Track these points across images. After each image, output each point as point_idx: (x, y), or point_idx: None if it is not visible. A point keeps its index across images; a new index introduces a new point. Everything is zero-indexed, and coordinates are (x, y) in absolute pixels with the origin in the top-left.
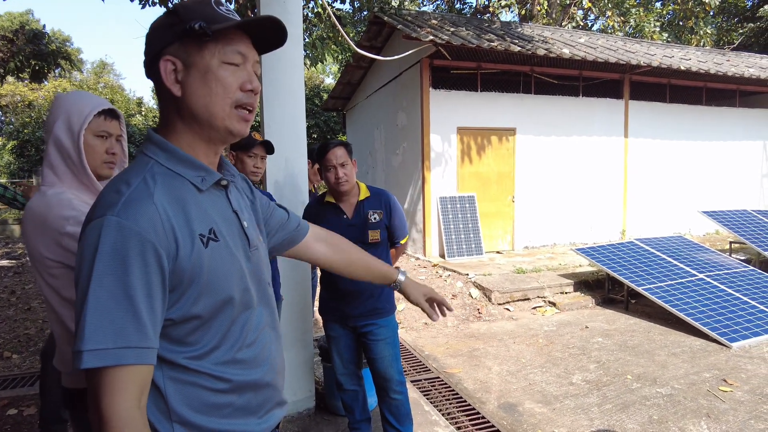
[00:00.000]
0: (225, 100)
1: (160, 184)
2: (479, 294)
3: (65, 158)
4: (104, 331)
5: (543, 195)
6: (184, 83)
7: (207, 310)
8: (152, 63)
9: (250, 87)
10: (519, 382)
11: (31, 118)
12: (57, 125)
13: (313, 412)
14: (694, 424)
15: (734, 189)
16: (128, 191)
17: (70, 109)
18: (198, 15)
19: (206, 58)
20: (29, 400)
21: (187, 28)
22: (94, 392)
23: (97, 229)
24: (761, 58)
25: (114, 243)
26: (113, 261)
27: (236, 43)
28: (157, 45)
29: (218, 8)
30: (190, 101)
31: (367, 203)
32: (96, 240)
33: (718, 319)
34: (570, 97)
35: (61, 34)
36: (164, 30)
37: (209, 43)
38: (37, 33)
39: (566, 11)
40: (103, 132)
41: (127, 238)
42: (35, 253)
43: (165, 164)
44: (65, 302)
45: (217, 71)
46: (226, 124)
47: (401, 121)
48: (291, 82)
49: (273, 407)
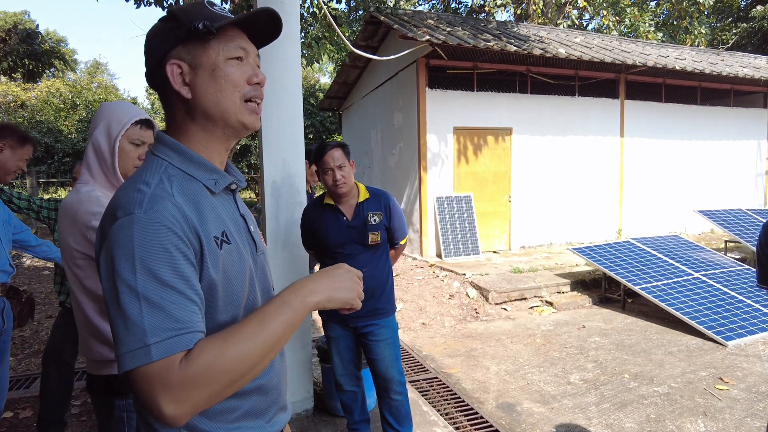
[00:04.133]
0: (235, 94)
1: (176, 186)
2: (476, 294)
3: (100, 160)
4: (164, 321)
5: (539, 195)
6: (192, 84)
7: (221, 312)
8: (156, 69)
9: (256, 80)
10: (517, 381)
11: (23, 119)
12: (98, 130)
13: (312, 413)
14: (691, 422)
15: (729, 188)
16: (149, 190)
17: (110, 117)
18: (197, 16)
19: (212, 56)
20: (25, 402)
21: (191, 29)
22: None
23: (128, 227)
24: (755, 58)
25: (148, 237)
26: (155, 251)
27: (237, 38)
28: (160, 50)
29: (213, 8)
30: (201, 101)
31: (366, 205)
32: (129, 237)
33: (713, 317)
34: (566, 97)
35: (55, 34)
36: (165, 35)
37: (213, 41)
38: (31, 32)
39: (561, 10)
40: (137, 140)
41: (160, 231)
42: (65, 244)
43: (179, 166)
44: (87, 291)
45: (224, 68)
46: (239, 118)
47: (398, 121)
48: (288, 82)
49: (278, 411)
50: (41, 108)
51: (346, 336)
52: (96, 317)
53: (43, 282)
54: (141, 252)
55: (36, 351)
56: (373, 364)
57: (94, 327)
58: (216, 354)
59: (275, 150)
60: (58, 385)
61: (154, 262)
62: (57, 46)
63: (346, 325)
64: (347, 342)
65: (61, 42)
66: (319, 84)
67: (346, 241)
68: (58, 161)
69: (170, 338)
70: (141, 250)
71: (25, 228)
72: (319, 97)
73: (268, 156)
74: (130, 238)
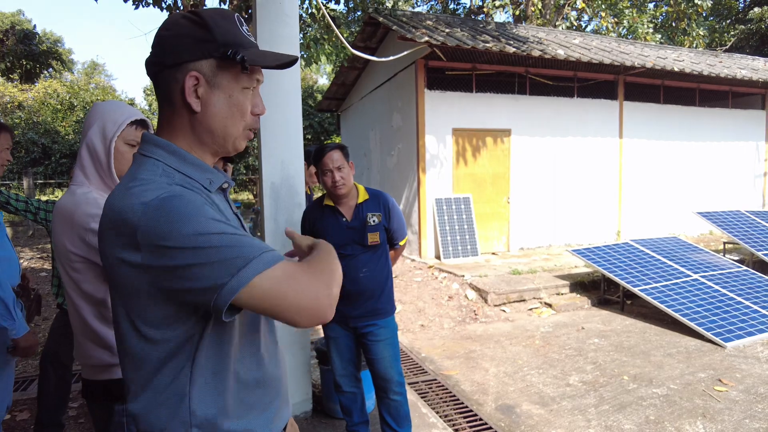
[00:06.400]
0: (240, 123)
1: (178, 183)
2: (475, 295)
3: (95, 161)
4: (249, 247)
5: (538, 196)
6: (204, 100)
7: None
8: (169, 70)
9: (258, 111)
10: (516, 383)
11: (21, 119)
12: (92, 130)
13: (311, 415)
14: (690, 424)
15: (728, 189)
16: (158, 178)
17: (105, 117)
18: (230, 37)
19: (232, 83)
20: (22, 404)
21: (227, 54)
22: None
23: (159, 207)
24: (753, 60)
25: (185, 203)
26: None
27: (258, 72)
28: (183, 56)
29: (242, 28)
30: (209, 119)
31: (365, 206)
32: (168, 212)
33: (712, 319)
34: (565, 98)
35: (52, 34)
36: (193, 43)
37: (240, 71)
38: (28, 33)
39: (560, 12)
40: (132, 140)
41: (192, 197)
42: (61, 247)
43: (175, 167)
44: (85, 295)
45: (238, 95)
46: (236, 145)
47: (396, 122)
48: (287, 84)
49: (282, 405)
50: (38, 109)
51: (346, 336)
52: (95, 321)
53: (41, 284)
54: (195, 212)
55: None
56: (372, 365)
57: (93, 331)
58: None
59: (274, 151)
60: (55, 388)
61: (210, 218)
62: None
63: (345, 325)
64: (347, 342)
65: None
66: (318, 85)
67: (345, 241)
68: (55, 162)
69: (258, 255)
70: (194, 212)
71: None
72: (318, 98)
73: (266, 157)
74: (169, 212)
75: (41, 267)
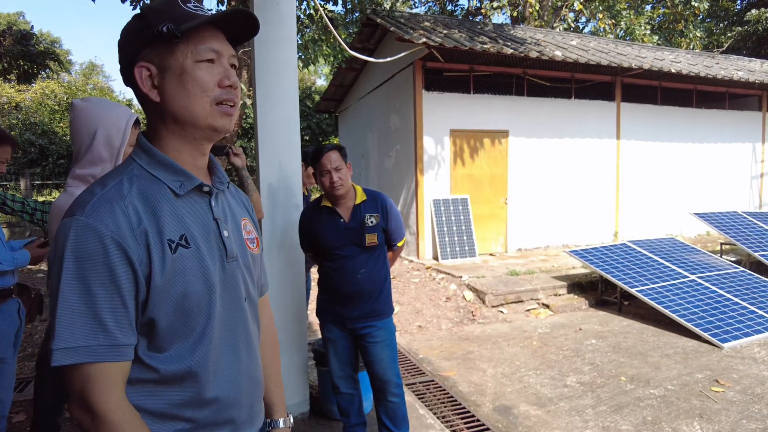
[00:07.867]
0: (204, 99)
1: (136, 188)
2: (473, 296)
3: (103, 169)
4: (75, 329)
5: (536, 197)
6: (161, 88)
7: (162, 316)
8: (127, 70)
9: (228, 83)
10: (513, 384)
11: (18, 120)
12: (96, 140)
13: (308, 416)
14: (687, 424)
15: (725, 191)
16: (101, 192)
17: (107, 125)
18: (166, 16)
19: (179, 59)
20: (18, 406)
21: (155, 32)
22: (81, 391)
23: (66, 229)
24: (750, 61)
25: (80, 242)
26: (80, 261)
27: (209, 40)
28: (129, 52)
29: (185, 6)
30: (170, 105)
31: (363, 207)
32: (64, 240)
33: (709, 320)
34: (562, 100)
35: (50, 35)
36: (134, 35)
37: (180, 44)
38: (25, 33)
39: (557, 13)
40: (134, 141)
41: (93, 238)
42: None
43: (146, 167)
44: None
45: (192, 71)
46: (209, 122)
47: (394, 124)
48: (285, 84)
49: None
50: (36, 109)
51: (344, 337)
52: None
53: (37, 284)
54: (68, 262)
55: (30, 354)
56: (370, 366)
57: None
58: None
59: (271, 152)
60: (52, 389)
61: (74, 275)
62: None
63: (343, 326)
64: (345, 343)
65: (55, 42)
66: (316, 86)
67: (343, 242)
68: (52, 163)
69: (74, 348)
70: (69, 261)
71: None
72: (316, 99)
73: (264, 158)
74: (64, 242)
75: (38, 268)
